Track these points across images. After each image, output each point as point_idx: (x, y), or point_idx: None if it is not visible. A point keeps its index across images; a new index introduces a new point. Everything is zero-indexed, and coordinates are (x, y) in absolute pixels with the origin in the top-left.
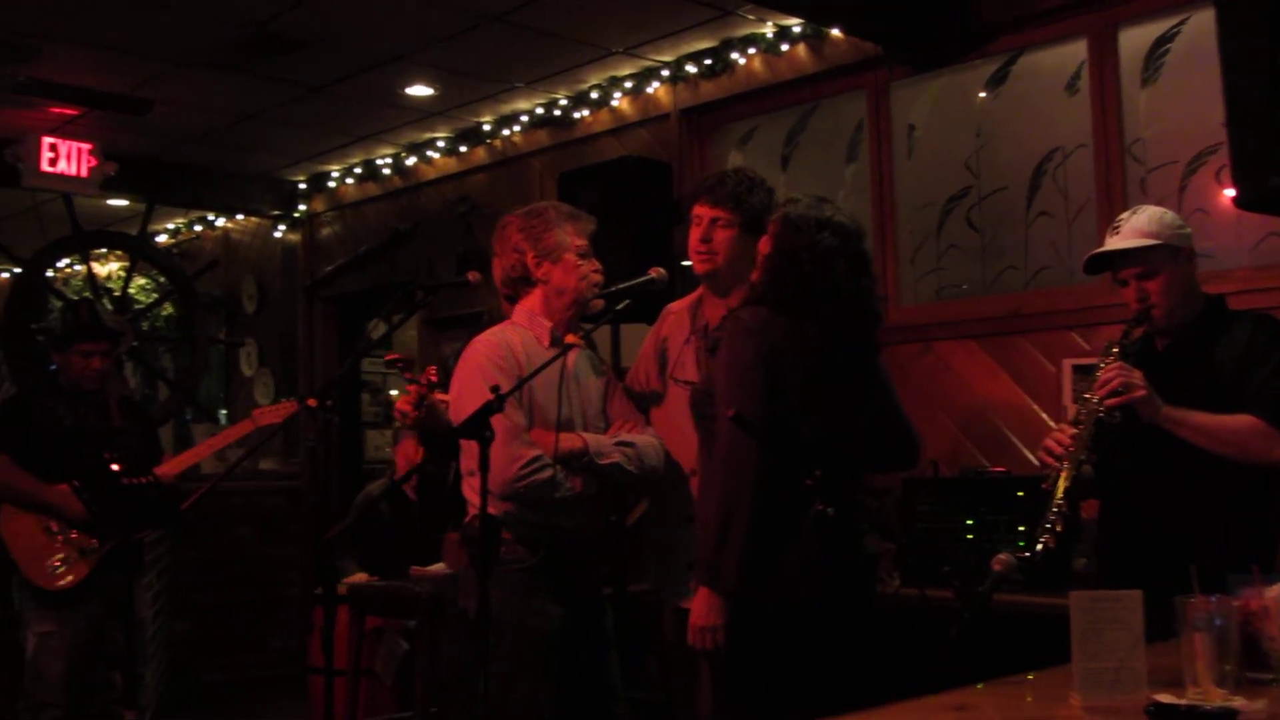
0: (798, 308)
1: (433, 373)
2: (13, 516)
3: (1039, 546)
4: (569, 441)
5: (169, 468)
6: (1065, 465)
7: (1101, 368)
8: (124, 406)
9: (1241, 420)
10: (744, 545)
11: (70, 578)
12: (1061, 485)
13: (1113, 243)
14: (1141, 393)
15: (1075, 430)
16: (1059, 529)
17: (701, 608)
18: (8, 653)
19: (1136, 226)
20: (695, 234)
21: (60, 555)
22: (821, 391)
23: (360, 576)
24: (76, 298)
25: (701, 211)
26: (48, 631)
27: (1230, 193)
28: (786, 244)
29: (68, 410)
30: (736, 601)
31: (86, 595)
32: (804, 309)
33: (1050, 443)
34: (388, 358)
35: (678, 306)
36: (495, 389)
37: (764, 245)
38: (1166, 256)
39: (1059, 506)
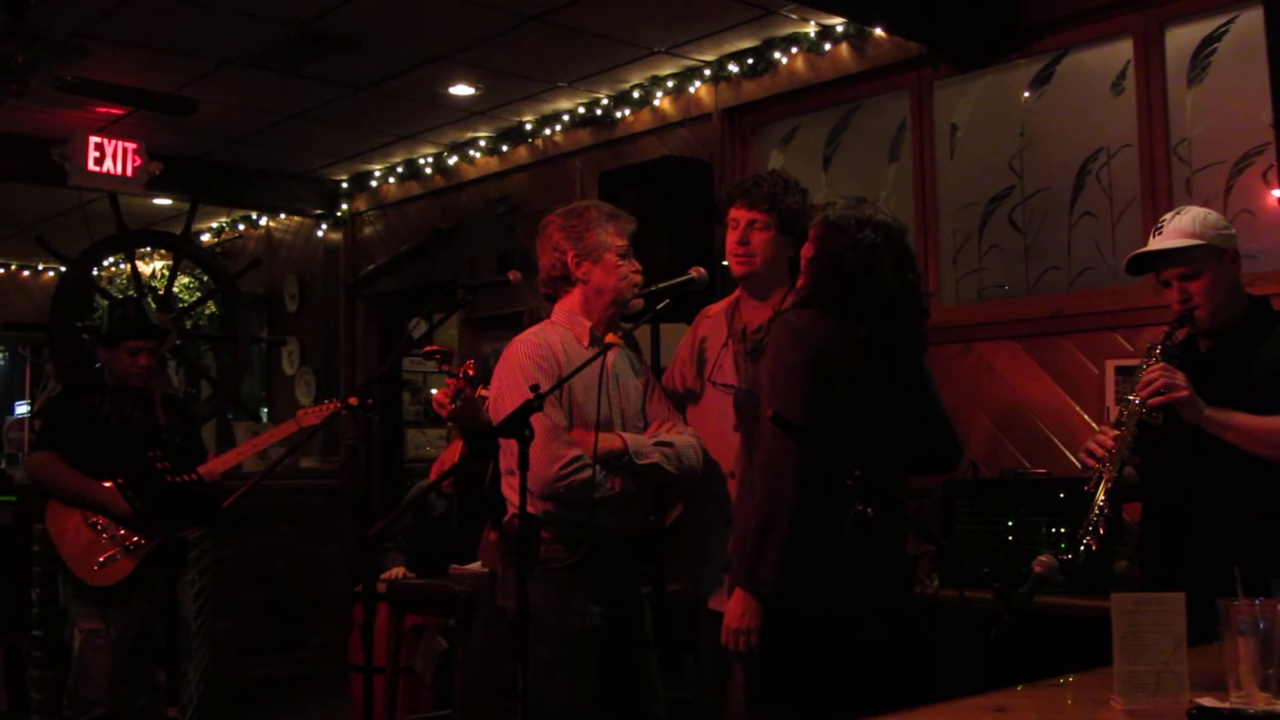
0: (846, 307)
1: (470, 366)
2: (60, 513)
3: (1081, 549)
4: (608, 441)
5: (214, 465)
6: (1108, 467)
7: (1144, 369)
8: (167, 404)
9: None
10: (783, 549)
11: (116, 574)
12: (1104, 487)
13: (1155, 243)
14: (1185, 393)
15: (1117, 432)
16: (1102, 531)
17: (736, 609)
18: (56, 649)
19: (1179, 227)
20: (732, 236)
21: (106, 552)
22: (867, 392)
23: (398, 571)
24: (121, 296)
25: (738, 214)
26: (93, 629)
27: (1277, 193)
28: (830, 244)
29: (114, 407)
30: (772, 603)
31: (132, 592)
32: (852, 308)
33: (1092, 445)
34: (427, 349)
35: (714, 309)
36: (535, 388)
37: (807, 250)
38: (1210, 257)
39: (1101, 508)
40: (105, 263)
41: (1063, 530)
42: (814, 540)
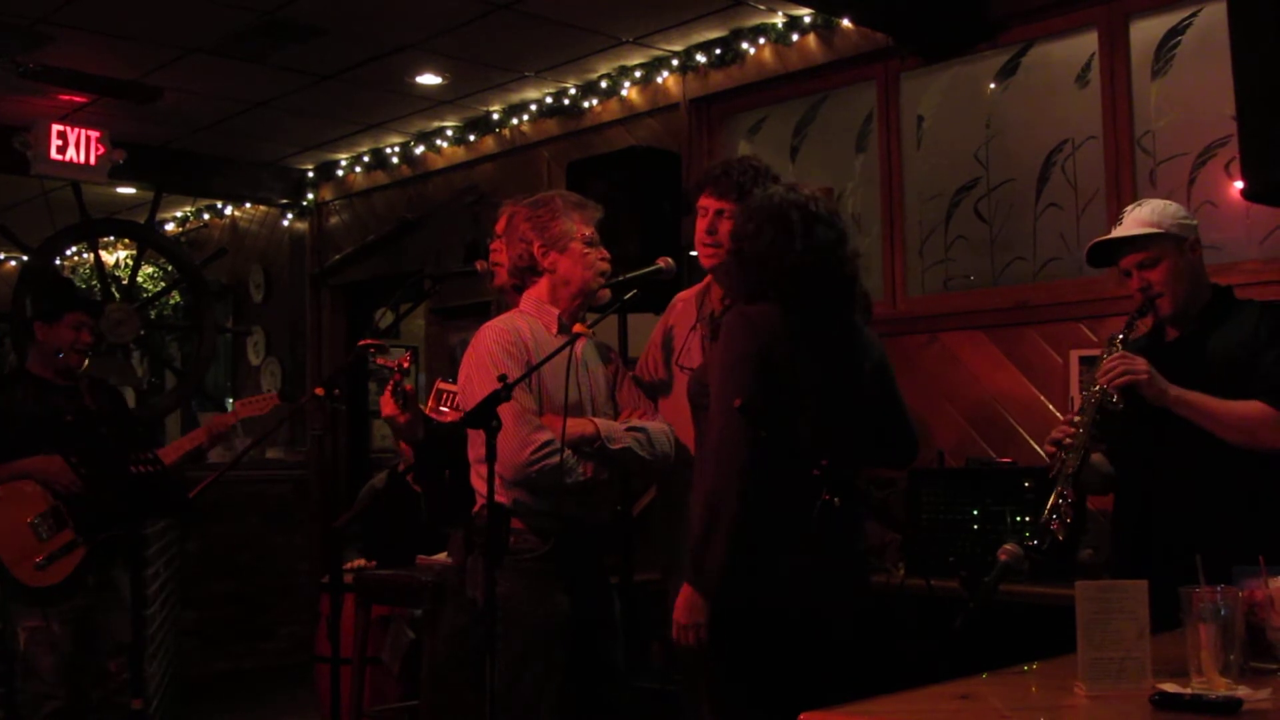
0: (758, 289)
1: (406, 359)
2: None
3: (1047, 536)
4: (580, 426)
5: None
6: (1071, 455)
7: (1104, 358)
8: (95, 388)
9: (1251, 406)
10: (728, 544)
11: (57, 575)
12: (1065, 474)
13: (1115, 233)
14: (1144, 375)
15: (1079, 418)
16: (1069, 519)
17: (683, 604)
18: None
19: (1139, 217)
20: (701, 225)
21: (44, 552)
22: (816, 378)
23: (359, 561)
24: (85, 286)
25: (707, 203)
26: (35, 625)
27: (1239, 185)
28: (738, 226)
29: (38, 402)
30: (724, 597)
31: (73, 590)
32: (762, 288)
33: (1056, 434)
34: (361, 342)
35: (686, 295)
36: (503, 377)
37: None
38: (1169, 245)
39: (1064, 494)
40: (68, 252)
41: (1028, 519)
42: (772, 533)
